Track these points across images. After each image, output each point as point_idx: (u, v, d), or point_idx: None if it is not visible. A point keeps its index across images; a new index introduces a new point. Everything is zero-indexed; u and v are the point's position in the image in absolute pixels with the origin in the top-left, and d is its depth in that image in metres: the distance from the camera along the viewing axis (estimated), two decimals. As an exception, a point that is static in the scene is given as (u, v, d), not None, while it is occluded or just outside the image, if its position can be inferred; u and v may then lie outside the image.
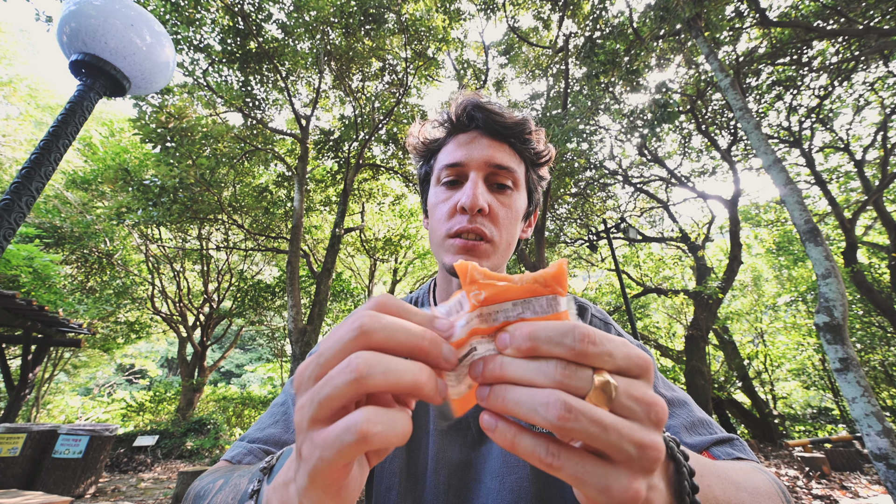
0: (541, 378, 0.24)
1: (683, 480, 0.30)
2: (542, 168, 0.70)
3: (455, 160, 0.62)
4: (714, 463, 0.38)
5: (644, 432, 0.23)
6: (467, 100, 0.63)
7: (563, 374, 0.23)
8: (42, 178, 1.33)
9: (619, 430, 0.23)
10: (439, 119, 0.67)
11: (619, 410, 0.24)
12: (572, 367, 0.23)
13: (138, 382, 21.97)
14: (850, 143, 9.38)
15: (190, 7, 7.52)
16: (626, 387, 0.24)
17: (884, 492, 5.10)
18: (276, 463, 0.32)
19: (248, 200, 10.97)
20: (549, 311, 0.26)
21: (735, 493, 0.36)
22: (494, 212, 0.60)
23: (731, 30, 7.58)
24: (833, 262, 4.08)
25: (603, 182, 11.64)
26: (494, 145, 0.62)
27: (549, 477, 0.59)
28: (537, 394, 0.23)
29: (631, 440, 0.23)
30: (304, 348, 7.71)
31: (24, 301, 5.17)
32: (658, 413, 0.24)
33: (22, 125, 15.44)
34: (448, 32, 9.32)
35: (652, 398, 0.24)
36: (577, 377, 0.23)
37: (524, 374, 0.24)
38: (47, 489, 5.19)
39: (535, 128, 0.65)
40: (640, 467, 0.23)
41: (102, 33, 1.41)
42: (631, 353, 0.25)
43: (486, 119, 0.62)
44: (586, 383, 0.23)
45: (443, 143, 0.67)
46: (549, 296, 0.26)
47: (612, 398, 0.23)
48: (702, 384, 9.00)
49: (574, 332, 0.24)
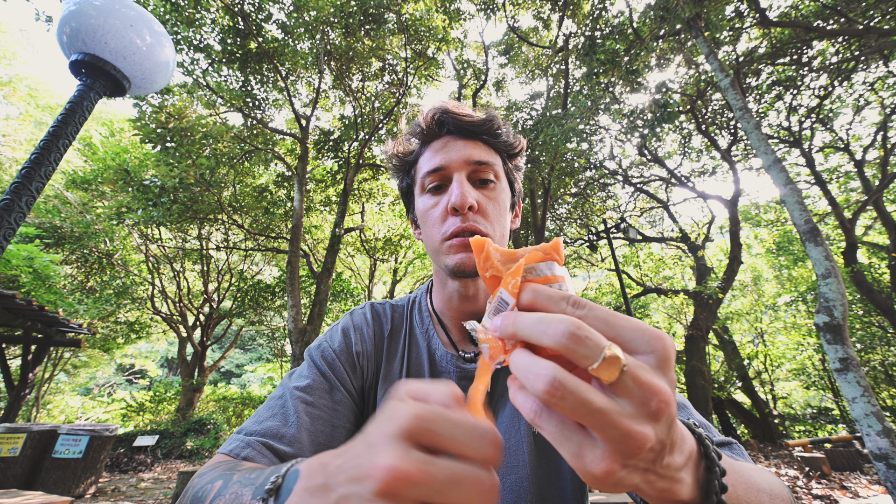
0: (546, 339, 0.24)
1: (714, 480, 0.30)
2: (517, 158, 0.72)
3: (435, 165, 0.64)
4: (737, 463, 0.39)
5: (632, 421, 0.23)
6: (434, 107, 0.66)
7: (571, 339, 0.23)
8: (42, 178, 1.33)
9: (606, 414, 0.23)
10: (410, 130, 0.69)
11: (618, 390, 0.23)
12: (582, 334, 0.23)
13: (138, 382, 21.97)
14: (850, 143, 9.37)
15: (190, 7, 7.52)
16: (633, 368, 0.23)
17: (884, 492, 5.09)
18: (282, 483, 0.31)
19: (248, 200, 10.98)
20: (549, 273, 0.30)
21: (756, 495, 0.36)
22: (483, 207, 0.62)
23: (731, 30, 7.58)
24: (833, 262, 4.08)
25: (603, 182, 11.64)
26: (469, 144, 0.65)
27: (548, 477, 0.59)
28: (534, 363, 0.24)
29: (616, 426, 0.23)
30: (303, 348, 7.72)
31: (24, 301, 5.17)
32: (658, 404, 0.23)
33: (22, 125, 15.43)
34: (448, 32, 9.32)
35: (656, 387, 0.24)
36: (586, 346, 0.23)
37: (531, 333, 0.25)
38: (47, 489, 5.19)
39: (501, 122, 0.68)
40: (620, 451, 0.23)
41: (102, 33, 1.41)
42: (644, 329, 0.25)
43: (455, 122, 0.64)
44: (595, 353, 0.23)
45: (419, 154, 0.69)
46: (547, 262, 0.30)
47: (617, 375, 0.23)
48: (702, 384, 9.00)
49: (569, 298, 0.26)
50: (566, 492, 0.59)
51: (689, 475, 0.28)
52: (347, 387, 0.65)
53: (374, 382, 0.69)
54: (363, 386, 0.68)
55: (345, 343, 0.69)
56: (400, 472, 0.21)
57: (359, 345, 0.70)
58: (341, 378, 0.65)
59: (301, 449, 0.55)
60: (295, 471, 0.31)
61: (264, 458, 0.52)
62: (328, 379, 0.64)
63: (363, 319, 0.74)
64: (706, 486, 0.29)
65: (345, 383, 0.65)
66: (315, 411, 0.59)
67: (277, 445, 0.54)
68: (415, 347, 0.71)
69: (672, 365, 0.25)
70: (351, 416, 0.64)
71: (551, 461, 0.60)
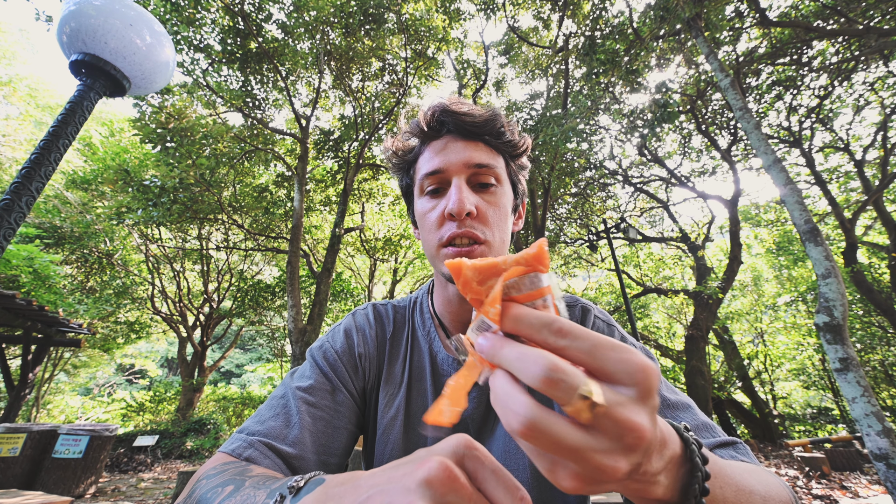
0: (524, 377, 0.24)
1: (695, 483, 0.30)
2: (521, 158, 0.69)
3: (434, 168, 0.61)
4: (731, 465, 0.38)
5: (604, 456, 0.23)
6: (434, 105, 0.63)
7: (545, 383, 0.23)
8: (42, 178, 1.33)
9: (578, 451, 0.23)
10: (410, 129, 0.67)
11: (593, 427, 0.23)
12: (556, 377, 0.23)
13: (138, 382, 21.96)
14: (850, 143, 9.37)
15: (190, 7, 7.52)
16: (611, 406, 0.23)
17: (884, 492, 5.09)
18: (303, 486, 0.31)
19: (248, 200, 10.97)
20: (532, 288, 0.28)
21: (748, 497, 0.36)
22: (483, 212, 0.60)
23: (731, 30, 7.58)
24: (833, 262, 4.08)
25: (603, 182, 11.64)
26: (470, 146, 0.62)
27: (549, 482, 0.59)
28: (511, 398, 0.24)
29: (588, 462, 0.23)
30: (303, 348, 7.71)
31: (24, 301, 5.17)
32: (633, 440, 0.23)
33: (22, 125, 15.43)
34: (448, 32, 9.32)
35: (631, 423, 0.23)
36: (560, 388, 0.23)
37: (511, 367, 0.25)
38: (47, 489, 5.19)
39: (506, 120, 0.65)
40: (591, 479, 0.24)
41: (102, 33, 1.41)
42: (629, 361, 0.24)
43: (455, 122, 0.61)
44: (569, 396, 0.23)
45: (418, 153, 0.66)
46: (531, 274, 0.29)
47: (590, 416, 0.23)
48: (702, 384, 9.00)
49: (552, 325, 0.26)
50: (568, 495, 0.59)
51: (667, 477, 0.29)
52: (349, 388, 0.65)
53: (376, 384, 0.69)
54: (365, 387, 0.68)
55: (347, 344, 0.69)
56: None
57: (361, 346, 0.69)
58: (343, 379, 0.65)
59: (303, 450, 0.55)
60: (319, 478, 0.31)
61: (266, 459, 0.52)
62: (330, 380, 0.64)
63: (365, 320, 0.73)
64: (686, 489, 0.30)
65: (347, 384, 0.65)
66: (317, 412, 0.59)
67: (280, 446, 0.54)
68: (417, 350, 0.71)
69: (655, 394, 0.25)
70: (352, 418, 0.64)
71: None
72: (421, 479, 0.22)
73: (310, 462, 0.55)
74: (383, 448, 0.64)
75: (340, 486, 0.27)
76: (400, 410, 0.65)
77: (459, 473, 0.23)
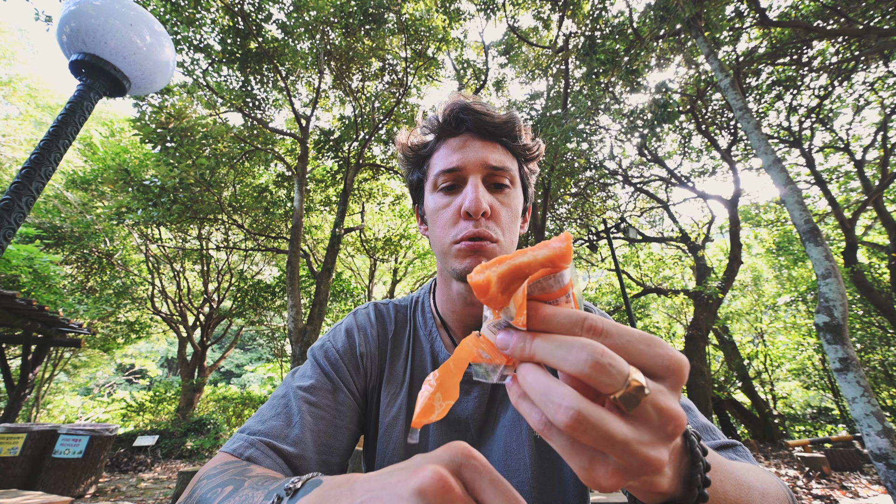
0: (567, 366, 0.23)
1: (697, 473, 0.30)
2: (533, 162, 0.70)
3: (451, 165, 0.61)
4: (730, 462, 0.39)
5: (650, 448, 0.23)
6: (454, 103, 0.63)
7: (594, 367, 0.22)
8: (42, 178, 1.33)
9: (628, 444, 0.22)
10: (427, 124, 0.67)
11: (638, 417, 0.23)
12: (605, 361, 0.22)
13: (138, 382, 21.97)
14: (850, 143, 9.37)
15: (190, 7, 7.52)
16: (655, 394, 0.23)
17: (884, 492, 5.09)
18: (300, 488, 0.31)
19: (248, 200, 10.97)
20: (557, 287, 0.27)
21: (747, 492, 0.37)
22: (496, 212, 0.60)
23: (731, 30, 7.58)
24: (833, 262, 4.08)
25: (603, 182, 11.64)
26: (488, 146, 0.62)
27: (550, 481, 0.59)
28: (552, 389, 0.23)
29: (636, 455, 0.23)
30: (303, 348, 7.71)
31: (24, 301, 5.17)
32: (674, 428, 0.24)
33: (22, 125, 15.43)
34: (448, 32, 9.32)
35: (673, 411, 0.24)
36: (609, 374, 0.22)
37: (551, 358, 0.24)
38: (47, 489, 5.19)
39: (522, 124, 0.65)
40: (633, 473, 0.23)
41: (102, 33, 1.41)
42: (664, 354, 0.25)
43: (475, 121, 0.61)
44: (618, 382, 0.22)
45: (434, 149, 0.66)
46: (555, 274, 0.27)
47: (638, 404, 0.23)
48: (702, 384, 9.00)
49: (584, 322, 0.25)
50: (568, 495, 0.59)
51: (671, 468, 0.29)
52: (351, 388, 0.65)
53: (378, 384, 0.69)
54: (366, 387, 0.68)
55: (348, 343, 0.69)
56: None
57: (363, 346, 0.69)
58: (344, 379, 0.65)
59: (304, 449, 0.55)
60: (317, 480, 0.31)
61: (268, 459, 0.52)
62: (332, 379, 0.64)
63: (367, 320, 0.73)
64: (689, 479, 0.30)
65: (348, 384, 0.65)
66: (318, 412, 0.59)
67: (281, 445, 0.54)
68: (419, 350, 0.71)
69: (684, 379, 0.26)
70: (354, 417, 0.64)
71: (553, 465, 0.60)
72: (414, 488, 0.22)
73: (311, 462, 0.55)
74: (385, 448, 0.63)
75: (336, 489, 0.27)
76: (402, 410, 0.65)
77: (454, 483, 0.22)
